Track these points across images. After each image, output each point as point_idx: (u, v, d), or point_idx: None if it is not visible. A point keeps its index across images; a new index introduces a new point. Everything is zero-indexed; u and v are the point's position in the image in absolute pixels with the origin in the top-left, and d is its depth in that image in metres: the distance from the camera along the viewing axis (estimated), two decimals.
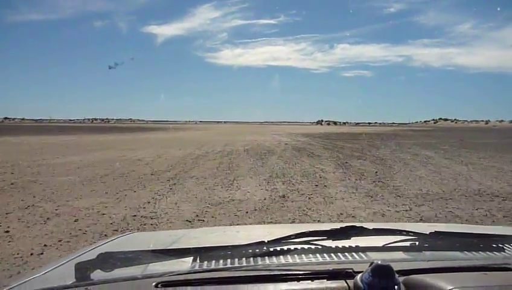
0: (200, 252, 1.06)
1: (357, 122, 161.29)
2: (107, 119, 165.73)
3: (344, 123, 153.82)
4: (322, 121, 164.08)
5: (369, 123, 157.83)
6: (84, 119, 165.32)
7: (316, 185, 8.09)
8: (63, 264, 1.16)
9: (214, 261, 1.02)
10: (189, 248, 1.09)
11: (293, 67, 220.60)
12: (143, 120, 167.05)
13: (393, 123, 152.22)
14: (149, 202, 6.38)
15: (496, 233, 1.33)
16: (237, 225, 5.01)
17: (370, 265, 0.84)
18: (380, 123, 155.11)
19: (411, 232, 1.17)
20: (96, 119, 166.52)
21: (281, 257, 1.04)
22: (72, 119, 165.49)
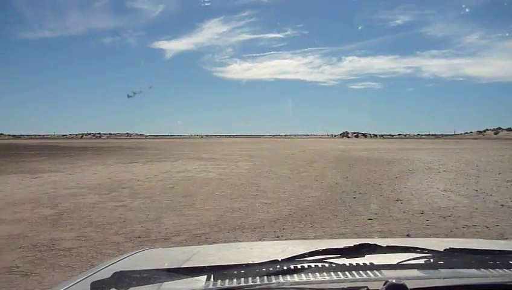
0: (214, 271, 1.18)
1: (381, 134, 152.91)
2: (98, 134, 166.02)
3: (375, 135, 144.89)
4: (347, 133, 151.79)
5: (392, 135, 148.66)
6: (76, 135, 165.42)
7: None
8: (78, 282, 1.31)
9: (227, 280, 1.13)
10: (204, 267, 1.22)
11: (301, 80, 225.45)
12: (142, 135, 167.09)
13: (420, 135, 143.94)
14: None
15: None
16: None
17: (384, 284, 0.96)
18: (405, 135, 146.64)
19: (425, 249, 1.28)
20: (87, 134, 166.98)
21: (295, 275, 1.15)
22: (64, 134, 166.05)
